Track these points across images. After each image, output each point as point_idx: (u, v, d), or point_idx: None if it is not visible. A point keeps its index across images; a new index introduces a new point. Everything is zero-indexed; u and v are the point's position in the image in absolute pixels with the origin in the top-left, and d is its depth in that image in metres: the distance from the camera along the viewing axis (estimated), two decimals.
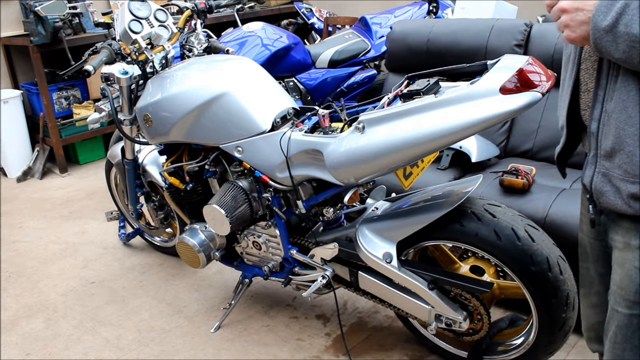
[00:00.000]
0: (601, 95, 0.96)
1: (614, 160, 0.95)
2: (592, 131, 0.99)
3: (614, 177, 0.95)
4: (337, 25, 4.22)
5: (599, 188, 0.99)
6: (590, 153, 1.01)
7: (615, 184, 0.95)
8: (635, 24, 0.82)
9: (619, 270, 1.00)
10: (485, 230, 1.60)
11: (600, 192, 0.99)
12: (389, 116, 1.49)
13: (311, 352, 2.07)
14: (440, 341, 1.95)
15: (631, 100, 0.90)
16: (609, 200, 0.97)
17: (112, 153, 2.57)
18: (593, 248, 1.18)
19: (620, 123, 0.92)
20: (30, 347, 2.19)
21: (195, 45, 2.14)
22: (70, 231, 3.14)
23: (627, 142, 0.92)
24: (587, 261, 1.21)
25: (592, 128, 0.99)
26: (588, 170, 1.02)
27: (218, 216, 1.86)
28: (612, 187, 0.96)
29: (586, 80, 1.03)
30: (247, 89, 1.85)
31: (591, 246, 1.18)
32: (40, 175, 3.98)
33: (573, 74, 1.05)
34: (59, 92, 4.07)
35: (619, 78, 0.93)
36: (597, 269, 1.18)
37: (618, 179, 0.95)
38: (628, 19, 0.82)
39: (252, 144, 1.81)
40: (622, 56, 0.85)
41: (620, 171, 0.94)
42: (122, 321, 2.32)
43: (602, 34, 0.86)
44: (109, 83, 2.04)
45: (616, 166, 0.94)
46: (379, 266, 1.72)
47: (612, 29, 0.84)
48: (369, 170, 1.58)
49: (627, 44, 0.83)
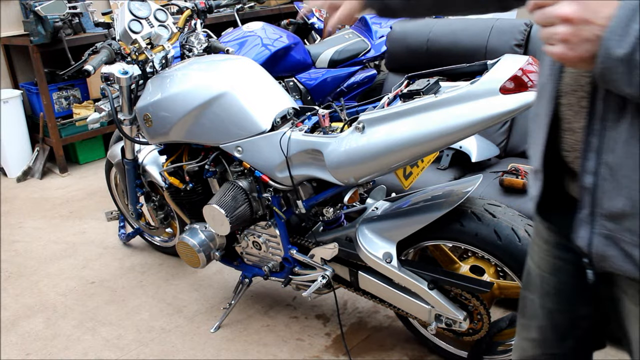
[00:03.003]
0: (595, 143, 0.77)
1: (623, 223, 0.78)
2: (587, 186, 0.80)
3: (624, 241, 0.78)
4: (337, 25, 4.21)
5: (600, 252, 0.82)
6: (584, 211, 0.82)
7: (626, 248, 0.79)
8: None
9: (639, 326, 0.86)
10: (485, 230, 1.60)
11: (602, 257, 0.82)
12: (389, 116, 1.49)
13: (311, 352, 2.07)
14: (440, 341, 1.95)
15: None
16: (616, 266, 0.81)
17: (112, 153, 2.57)
18: (544, 282, 1.04)
19: (633, 183, 0.74)
20: (30, 347, 2.19)
21: (195, 45, 2.14)
22: (70, 231, 3.14)
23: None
24: (533, 292, 1.07)
25: (586, 182, 0.80)
26: (582, 231, 0.83)
27: (218, 216, 1.86)
28: (620, 251, 0.79)
29: (569, 117, 0.83)
30: (247, 89, 1.85)
31: (542, 279, 1.04)
32: (40, 175, 3.98)
33: (550, 109, 0.85)
34: (59, 92, 4.07)
35: (622, 125, 0.73)
36: (544, 303, 1.05)
37: (630, 245, 0.78)
38: None
39: (252, 144, 1.81)
40: (634, 91, 0.66)
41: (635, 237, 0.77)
42: (121, 321, 2.32)
43: (615, 63, 0.64)
44: (109, 83, 2.04)
45: (626, 230, 0.78)
46: (379, 266, 1.72)
47: (628, 58, 0.63)
48: (369, 170, 1.58)
49: None
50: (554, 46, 0.70)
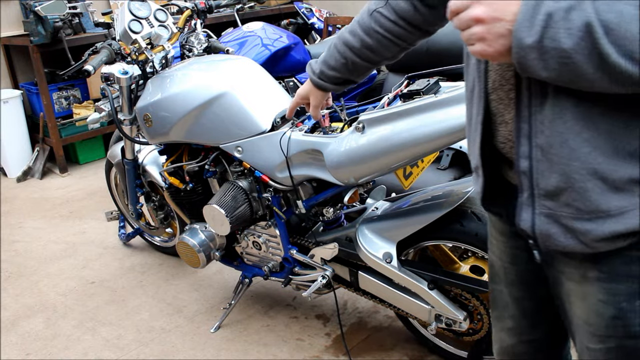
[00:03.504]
0: (525, 128, 0.83)
1: (559, 199, 0.83)
2: (523, 170, 0.85)
3: (563, 216, 0.83)
4: (337, 25, 4.22)
5: (543, 231, 0.86)
6: (524, 194, 0.87)
7: (566, 223, 0.83)
8: (564, 36, 0.68)
9: (580, 304, 0.91)
10: (485, 230, 1.59)
11: (546, 236, 0.86)
12: (389, 116, 1.49)
13: (311, 352, 2.07)
14: (440, 341, 1.95)
15: (570, 132, 0.78)
16: (559, 242, 0.85)
17: (112, 153, 2.57)
18: (507, 272, 1.09)
19: (563, 159, 0.80)
20: (30, 347, 2.19)
21: (195, 45, 2.14)
22: (70, 231, 3.14)
23: (575, 178, 0.80)
24: (500, 284, 1.13)
25: (522, 166, 0.85)
26: (525, 213, 0.88)
27: (218, 216, 1.86)
28: (562, 227, 0.84)
29: (501, 111, 0.89)
30: (247, 89, 1.85)
31: (505, 270, 1.09)
32: (40, 175, 3.98)
33: (482, 107, 0.91)
34: (59, 92, 4.07)
35: (547, 108, 0.80)
36: (512, 292, 1.10)
37: (569, 218, 0.83)
38: (554, 31, 0.69)
39: (252, 144, 1.81)
40: (551, 75, 0.72)
41: (571, 210, 0.82)
42: (121, 321, 2.32)
43: (527, 51, 0.71)
44: (109, 83, 2.04)
45: (563, 205, 0.82)
46: (379, 266, 1.72)
47: (538, 45, 0.70)
48: (369, 170, 1.58)
49: (557, 61, 0.70)
50: (474, 45, 0.76)
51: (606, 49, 0.67)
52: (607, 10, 0.66)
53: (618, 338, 0.88)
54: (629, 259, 0.84)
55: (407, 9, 1.22)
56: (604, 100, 0.76)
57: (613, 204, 0.79)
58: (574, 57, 0.69)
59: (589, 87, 0.72)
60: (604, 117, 0.77)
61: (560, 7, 0.69)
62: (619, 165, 0.78)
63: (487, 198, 1.02)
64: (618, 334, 0.88)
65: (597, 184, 0.79)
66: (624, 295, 0.85)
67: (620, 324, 0.87)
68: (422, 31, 1.27)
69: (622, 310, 0.86)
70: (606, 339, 0.89)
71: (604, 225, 0.81)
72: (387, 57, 1.34)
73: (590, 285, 0.88)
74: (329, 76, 1.41)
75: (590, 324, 0.91)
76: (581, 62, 0.69)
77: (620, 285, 0.85)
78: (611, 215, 0.80)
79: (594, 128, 0.78)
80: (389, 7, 1.24)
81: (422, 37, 1.30)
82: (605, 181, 0.79)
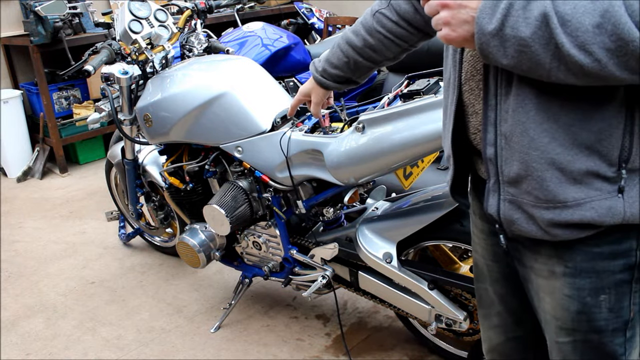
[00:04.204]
0: (492, 116, 0.86)
1: (521, 186, 0.85)
2: (489, 157, 0.89)
3: (524, 203, 0.86)
4: (337, 25, 4.22)
5: (507, 217, 0.89)
6: (491, 180, 0.91)
7: (527, 210, 0.86)
8: (522, 25, 0.72)
9: (549, 299, 0.94)
10: None
11: (510, 221, 0.90)
12: (389, 116, 1.49)
13: (311, 352, 2.07)
14: (440, 341, 1.95)
15: (531, 122, 0.81)
16: (522, 228, 0.88)
17: (112, 153, 2.57)
18: (491, 270, 1.11)
19: (523, 147, 0.82)
20: (30, 347, 2.19)
21: (195, 45, 2.14)
22: (70, 231, 3.14)
23: (534, 167, 0.82)
24: (484, 282, 1.14)
25: (489, 153, 0.88)
26: (492, 199, 0.91)
27: (218, 216, 1.86)
28: (524, 213, 0.87)
29: (472, 102, 0.92)
30: (247, 89, 1.85)
31: (488, 268, 1.12)
32: (40, 175, 3.98)
33: (455, 96, 0.94)
34: (59, 92, 4.07)
35: (511, 97, 0.83)
36: (496, 290, 1.12)
37: (529, 206, 0.86)
38: (514, 20, 0.72)
39: (252, 144, 1.81)
40: (510, 62, 0.75)
41: (531, 197, 0.85)
42: (122, 321, 2.32)
43: (488, 38, 0.75)
44: (109, 83, 2.04)
45: (524, 192, 0.85)
46: (379, 266, 1.72)
47: (499, 33, 0.73)
48: (369, 170, 1.58)
49: (516, 49, 0.73)
50: (441, 30, 0.81)
51: (561, 39, 0.70)
52: (563, 3, 0.69)
53: (583, 332, 0.91)
54: (592, 255, 0.87)
55: (408, 10, 1.23)
56: (564, 92, 0.78)
57: (570, 195, 0.82)
58: (531, 45, 0.72)
59: (546, 77, 0.75)
60: (564, 109, 0.79)
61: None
62: (577, 156, 0.80)
63: (456, 188, 1.04)
64: (583, 328, 0.91)
65: (555, 174, 0.81)
66: (588, 290, 0.88)
67: (584, 318, 0.90)
68: (423, 33, 1.29)
69: (587, 305, 0.89)
70: (572, 333, 0.93)
71: (561, 215, 0.83)
72: (389, 58, 1.36)
73: (556, 280, 0.91)
74: (332, 74, 1.43)
75: (557, 318, 0.93)
76: (538, 51, 0.72)
77: (584, 281, 0.88)
78: (568, 206, 0.82)
79: (554, 119, 0.80)
80: (391, 8, 1.26)
81: (423, 39, 1.32)
82: (563, 172, 0.81)
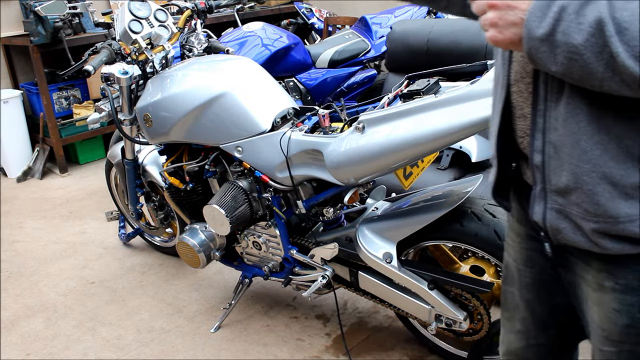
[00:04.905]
0: (540, 123, 0.83)
1: (569, 197, 0.83)
2: (536, 164, 0.86)
3: (572, 214, 0.83)
4: (337, 25, 4.22)
5: (554, 225, 0.87)
6: (537, 187, 0.88)
7: (575, 220, 0.84)
8: (575, 31, 0.67)
9: (596, 309, 0.92)
10: (485, 230, 1.60)
11: (556, 230, 0.87)
12: (389, 116, 1.49)
13: (311, 352, 2.07)
14: (440, 341, 1.95)
15: (583, 133, 0.77)
16: (569, 237, 0.86)
17: (112, 153, 2.57)
18: (522, 274, 1.08)
19: (574, 159, 0.79)
20: (30, 347, 2.19)
21: (195, 45, 2.14)
22: (70, 231, 3.14)
23: (584, 180, 0.79)
24: (512, 285, 1.12)
25: (536, 160, 0.86)
26: (537, 206, 0.89)
27: (218, 216, 1.86)
28: (571, 223, 0.84)
29: (520, 104, 0.89)
30: (247, 89, 1.85)
31: (519, 272, 1.09)
32: (40, 175, 3.98)
33: (503, 97, 0.91)
34: (59, 92, 4.07)
35: (561, 105, 0.79)
36: (523, 295, 1.10)
37: (578, 217, 0.83)
38: (566, 25, 0.68)
39: (252, 144, 1.81)
40: (560, 69, 0.71)
41: (580, 209, 0.82)
42: (122, 321, 2.32)
43: (537, 43, 0.71)
44: (109, 83, 2.04)
45: (573, 204, 0.82)
46: (379, 266, 1.72)
47: (549, 38, 0.69)
48: (369, 170, 1.58)
49: (566, 56, 0.69)
50: (487, 31, 0.77)
51: (616, 48, 0.65)
52: (621, 8, 0.64)
53: (630, 344, 0.90)
54: None
55: None
56: (618, 104, 0.74)
57: (623, 211, 0.79)
58: (583, 53, 0.68)
59: (598, 87, 0.71)
60: (617, 122, 0.76)
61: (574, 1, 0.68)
62: (630, 170, 0.77)
63: (498, 190, 1.02)
64: (630, 340, 0.89)
65: (606, 188, 0.78)
66: (638, 307, 0.86)
67: (633, 332, 0.88)
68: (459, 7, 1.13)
69: (636, 320, 0.87)
70: (619, 344, 0.91)
71: (611, 229, 0.80)
72: None
73: (605, 294, 0.88)
74: None
75: (604, 329, 0.91)
76: (590, 60, 0.68)
77: (635, 298, 0.86)
78: (620, 222, 0.79)
79: (606, 132, 0.76)
80: None
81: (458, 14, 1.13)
82: (615, 186, 0.78)
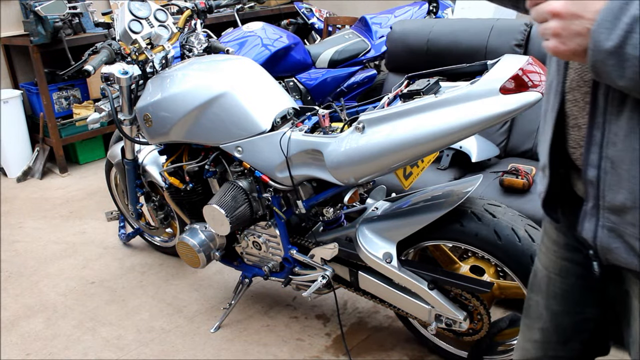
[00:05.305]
0: (598, 136, 0.77)
1: (625, 216, 0.77)
2: (590, 179, 0.81)
3: (627, 234, 0.78)
4: (337, 25, 4.21)
5: (605, 244, 0.82)
6: (589, 203, 0.83)
7: (629, 241, 0.78)
8: None
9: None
10: (485, 230, 1.60)
11: (607, 249, 0.82)
12: (389, 116, 1.49)
13: (311, 352, 2.07)
14: (440, 341, 1.95)
15: None
16: (621, 258, 0.81)
17: (112, 153, 2.57)
18: (552, 283, 1.04)
19: (634, 177, 0.74)
20: (30, 347, 2.19)
21: (195, 45, 2.14)
22: (70, 231, 3.14)
23: None
24: (538, 294, 1.08)
25: (590, 175, 0.80)
26: (587, 223, 0.84)
27: (218, 216, 1.86)
28: (624, 243, 0.79)
29: (575, 113, 0.84)
30: (247, 89, 1.85)
31: (550, 280, 1.04)
32: (40, 175, 3.98)
33: (556, 105, 0.86)
34: (59, 92, 4.07)
35: (623, 119, 0.73)
36: (549, 305, 1.06)
37: (633, 237, 0.77)
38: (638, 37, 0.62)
39: (252, 144, 1.81)
40: (628, 84, 0.65)
41: (636, 230, 0.76)
42: (122, 321, 2.32)
43: (604, 56, 0.65)
44: (109, 83, 2.04)
45: (628, 223, 0.77)
46: (379, 266, 1.72)
47: (618, 51, 0.64)
48: (369, 170, 1.58)
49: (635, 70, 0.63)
50: (548, 41, 0.72)
51: None
52: None
53: None
54: None
55: None
56: None
57: None
58: None
59: None
60: None
61: None
62: None
63: (548, 201, 0.95)
64: None
65: None
66: None
67: None
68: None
69: None
70: None
71: None
72: None
73: None
74: None
75: None
76: None
77: None
78: None
79: None
80: None
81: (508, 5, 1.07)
82: None
